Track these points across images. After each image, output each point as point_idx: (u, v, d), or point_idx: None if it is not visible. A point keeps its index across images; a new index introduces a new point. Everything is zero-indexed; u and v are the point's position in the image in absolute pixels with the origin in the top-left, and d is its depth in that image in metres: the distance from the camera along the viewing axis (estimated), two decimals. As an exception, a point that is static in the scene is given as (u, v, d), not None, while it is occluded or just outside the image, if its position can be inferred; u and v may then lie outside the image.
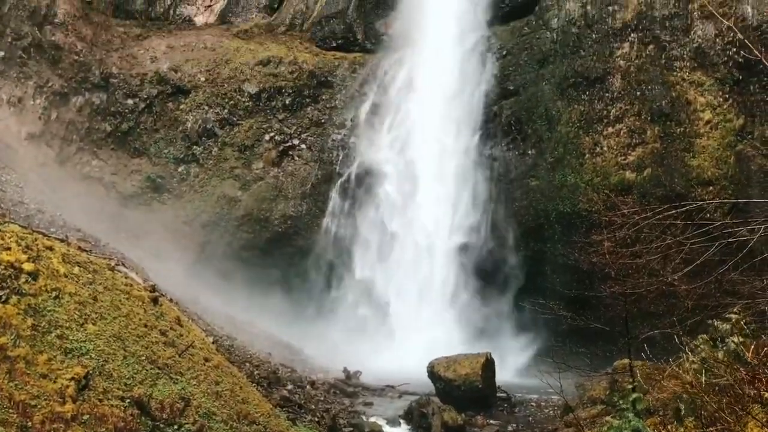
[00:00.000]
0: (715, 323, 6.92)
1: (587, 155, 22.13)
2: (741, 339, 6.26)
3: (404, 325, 22.06)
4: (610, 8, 22.19)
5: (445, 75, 24.67)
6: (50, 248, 11.07)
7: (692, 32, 21.02)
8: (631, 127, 21.62)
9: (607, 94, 22.09)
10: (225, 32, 27.32)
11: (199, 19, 28.07)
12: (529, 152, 23.35)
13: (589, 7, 22.50)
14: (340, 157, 25.45)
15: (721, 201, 17.65)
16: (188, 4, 28.11)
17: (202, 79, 25.80)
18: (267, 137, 25.48)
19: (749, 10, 20.20)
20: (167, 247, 23.50)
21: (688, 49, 21.01)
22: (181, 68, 25.89)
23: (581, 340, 19.89)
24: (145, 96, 25.57)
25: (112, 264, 13.15)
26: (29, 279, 9.77)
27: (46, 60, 23.92)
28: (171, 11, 27.92)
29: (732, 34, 20.39)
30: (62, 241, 13.32)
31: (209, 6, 28.20)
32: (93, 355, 9.37)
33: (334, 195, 24.87)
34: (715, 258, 10.47)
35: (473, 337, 21.60)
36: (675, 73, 21.14)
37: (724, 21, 17.67)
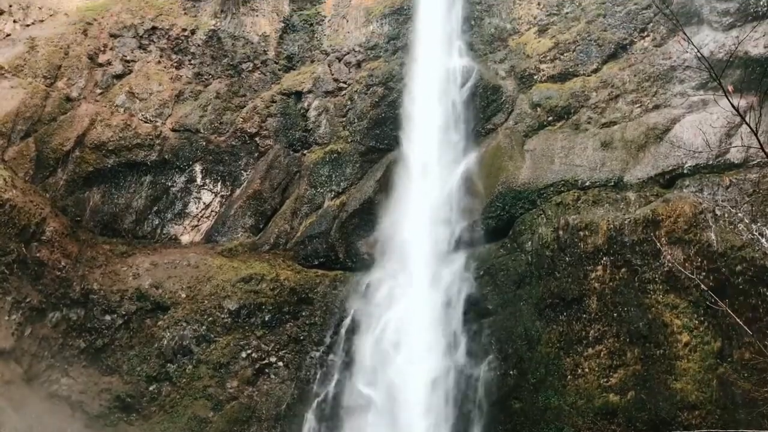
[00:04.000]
0: None
1: (569, 377, 21.80)
2: None
3: None
4: (581, 233, 23.15)
5: (425, 293, 25.05)
6: (1, 480, 10.30)
7: (662, 257, 21.77)
8: (611, 348, 21.56)
9: (584, 315, 22.29)
10: (210, 250, 27.94)
11: (185, 238, 28.85)
12: (511, 373, 23.01)
13: (561, 232, 23.47)
14: (318, 376, 24.89)
15: (708, 430, 17.18)
16: (176, 224, 29.03)
17: (183, 295, 25.89)
18: (244, 354, 25.04)
19: (713, 236, 21.18)
20: (130, 473, 22.06)
21: (659, 272, 21.61)
22: (162, 285, 26.05)
23: None
24: (124, 312, 25.41)
25: (67, 496, 12.18)
26: None
27: (27, 276, 23.99)
28: (158, 230, 28.74)
29: (700, 259, 21.17)
30: (15, 469, 12.43)
31: (196, 226, 29.14)
32: None
33: (310, 417, 23.93)
34: (711, 496, 9.93)
35: None
36: (649, 296, 21.54)
37: (692, 276, 18.41)
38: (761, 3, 23.22)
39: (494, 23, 29.89)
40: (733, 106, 12.18)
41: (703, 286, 16.83)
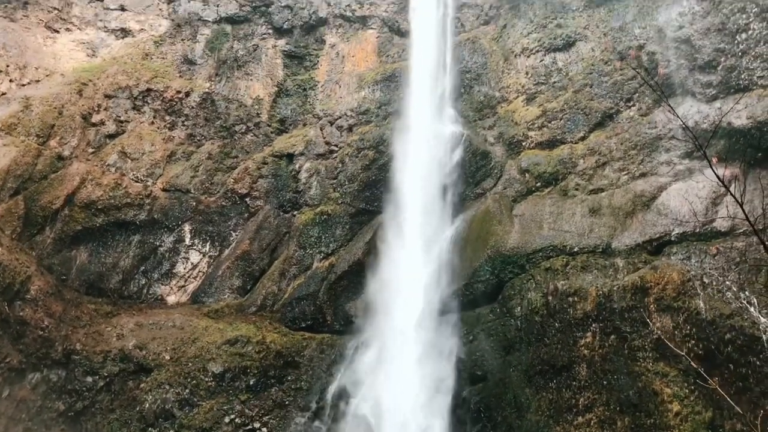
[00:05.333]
0: None
1: (559, 446, 21.40)
2: None
3: None
4: (571, 299, 23.10)
5: (414, 357, 24.72)
6: None
7: (651, 324, 21.68)
8: (601, 417, 21.23)
9: (574, 383, 22.03)
10: (196, 311, 27.62)
11: (171, 299, 28.56)
12: (500, 441, 22.59)
13: (550, 298, 23.42)
14: (303, 444, 24.33)
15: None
16: (162, 284, 28.79)
17: (167, 357, 25.43)
18: (227, 420, 24.43)
19: (701, 304, 21.15)
20: None
21: (648, 340, 21.49)
22: (146, 346, 25.61)
23: None
24: (106, 374, 24.86)
25: None
26: None
27: (9, 335, 23.50)
28: (144, 290, 28.47)
29: (689, 327, 21.08)
30: None
31: (183, 286, 28.89)
32: None
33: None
34: None
35: None
36: (639, 363, 21.36)
37: (680, 353, 18.33)
38: (743, 76, 23.84)
39: (483, 91, 30.51)
40: (718, 178, 12.32)
41: (692, 363, 16.70)
